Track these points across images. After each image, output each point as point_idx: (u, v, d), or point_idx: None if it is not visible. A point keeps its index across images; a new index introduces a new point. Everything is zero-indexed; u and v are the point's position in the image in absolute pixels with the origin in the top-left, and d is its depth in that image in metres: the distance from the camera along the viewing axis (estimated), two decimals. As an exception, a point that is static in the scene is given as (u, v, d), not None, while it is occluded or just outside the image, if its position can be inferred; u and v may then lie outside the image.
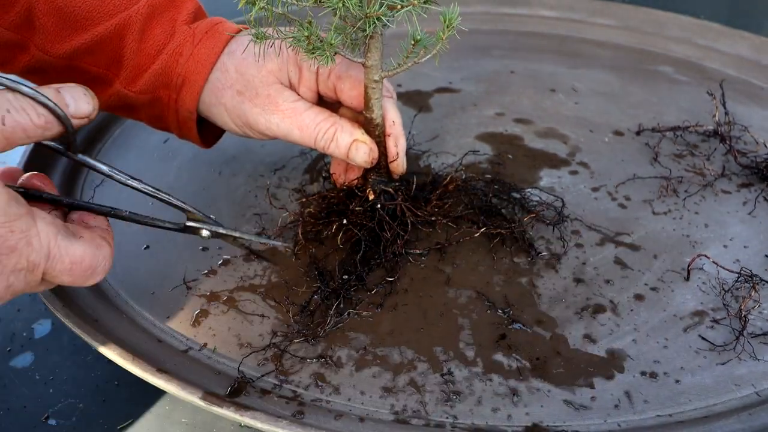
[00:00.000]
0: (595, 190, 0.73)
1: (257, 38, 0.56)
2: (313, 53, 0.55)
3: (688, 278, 0.62)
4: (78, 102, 0.46)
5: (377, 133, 0.62)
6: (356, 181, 0.66)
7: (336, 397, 0.52)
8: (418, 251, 0.64)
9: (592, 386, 0.52)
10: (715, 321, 0.58)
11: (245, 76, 0.62)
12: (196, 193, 0.74)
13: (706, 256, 0.62)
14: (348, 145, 0.61)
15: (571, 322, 0.58)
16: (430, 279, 0.62)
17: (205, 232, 0.58)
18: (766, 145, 0.76)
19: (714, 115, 0.77)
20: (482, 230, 0.65)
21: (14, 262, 0.42)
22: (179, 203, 0.53)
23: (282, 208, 0.69)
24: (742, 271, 0.60)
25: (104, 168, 0.50)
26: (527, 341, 0.56)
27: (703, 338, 0.56)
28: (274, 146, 0.80)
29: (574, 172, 0.76)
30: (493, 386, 0.52)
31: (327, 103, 0.66)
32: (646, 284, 0.61)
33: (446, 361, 0.54)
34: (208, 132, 0.69)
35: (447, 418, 0.50)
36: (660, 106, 0.87)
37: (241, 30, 0.64)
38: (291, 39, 0.55)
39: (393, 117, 0.63)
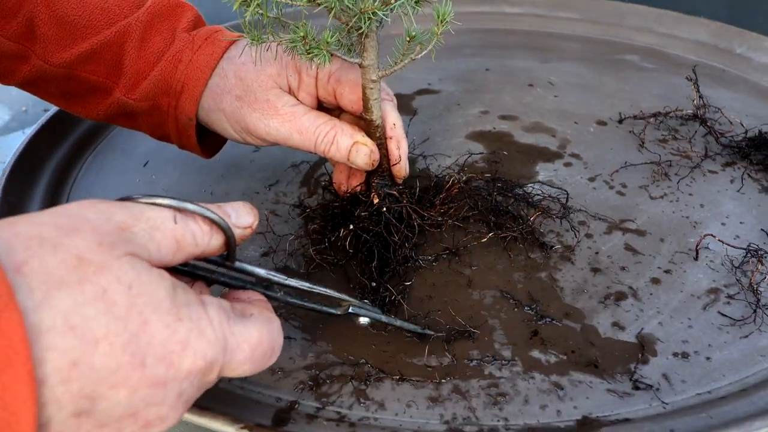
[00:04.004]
0: (591, 180, 0.74)
1: (253, 40, 0.55)
2: (310, 54, 0.54)
3: (696, 258, 0.64)
4: (239, 212, 0.44)
5: (378, 135, 0.61)
6: (359, 187, 0.65)
7: (383, 413, 0.50)
8: (429, 257, 0.63)
9: (630, 372, 0.53)
10: (730, 296, 0.60)
11: (244, 81, 0.61)
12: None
13: (711, 235, 0.65)
14: (348, 148, 0.60)
15: (598, 312, 0.58)
16: (451, 283, 0.61)
17: (363, 320, 0.57)
18: (742, 125, 0.80)
19: (693, 100, 0.80)
20: (490, 235, 0.65)
21: (189, 362, 0.36)
22: (338, 295, 0.53)
23: (286, 235, 0.67)
24: (749, 247, 0.62)
25: (262, 272, 0.48)
26: (560, 335, 0.56)
27: (723, 314, 0.58)
28: (264, 161, 0.78)
29: (568, 164, 0.77)
30: (536, 383, 0.52)
31: (327, 109, 0.65)
32: (659, 267, 0.63)
33: (485, 364, 0.54)
34: (207, 143, 0.67)
35: (498, 421, 0.50)
36: (634, 93, 0.90)
37: (240, 37, 0.63)
38: (287, 41, 0.54)
39: (393, 119, 0.62)
